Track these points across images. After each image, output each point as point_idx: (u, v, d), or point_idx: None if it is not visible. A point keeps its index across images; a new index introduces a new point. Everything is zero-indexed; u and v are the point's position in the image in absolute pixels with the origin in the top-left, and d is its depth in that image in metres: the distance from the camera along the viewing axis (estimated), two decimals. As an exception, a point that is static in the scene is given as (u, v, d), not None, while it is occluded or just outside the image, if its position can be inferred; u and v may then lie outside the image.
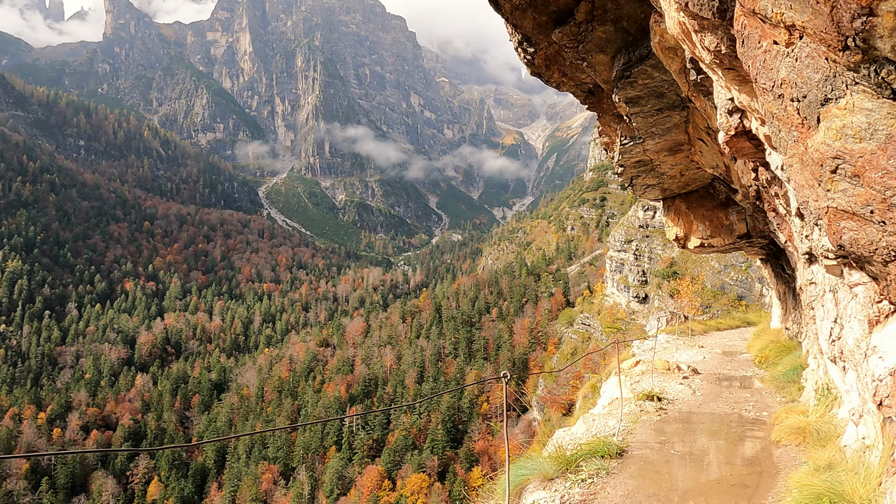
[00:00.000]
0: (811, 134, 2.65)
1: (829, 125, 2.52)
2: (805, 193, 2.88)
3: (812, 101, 2.56)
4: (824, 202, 2.70)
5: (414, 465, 75.73)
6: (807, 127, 2.66)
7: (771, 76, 2.76)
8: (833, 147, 2.51)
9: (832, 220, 2.72)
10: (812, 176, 2.71)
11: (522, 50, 7.68)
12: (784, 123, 2.82)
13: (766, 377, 11.29)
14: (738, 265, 77.60)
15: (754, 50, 2.83)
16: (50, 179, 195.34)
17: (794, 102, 2.66)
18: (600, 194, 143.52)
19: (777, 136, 2.98)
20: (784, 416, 7.33)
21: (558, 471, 5.79)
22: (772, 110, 2.88)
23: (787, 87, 2.67)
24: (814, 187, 2.74)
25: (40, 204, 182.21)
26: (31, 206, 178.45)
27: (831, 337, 5.44)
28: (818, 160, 2.62)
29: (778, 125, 2.89)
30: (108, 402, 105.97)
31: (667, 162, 9.68)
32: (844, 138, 2.45)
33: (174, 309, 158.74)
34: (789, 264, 11.36)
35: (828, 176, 2.60)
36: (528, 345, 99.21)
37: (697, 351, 16.35)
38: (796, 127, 2.73)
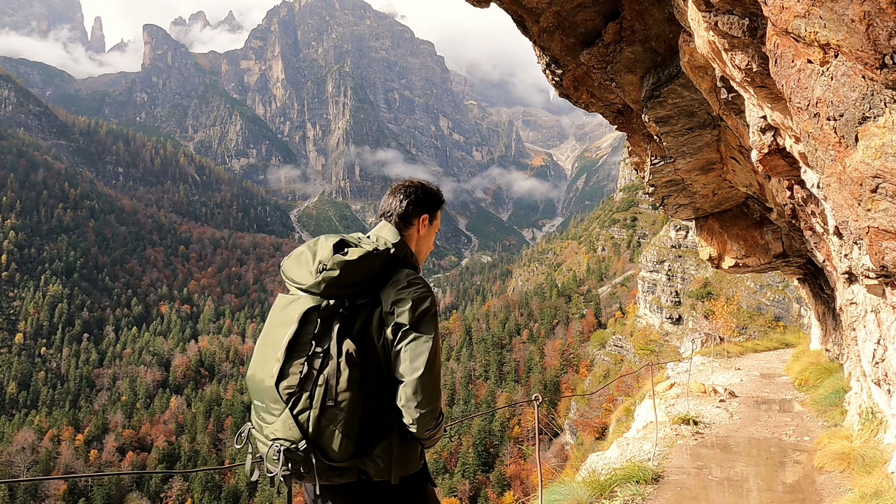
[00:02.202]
0: (849, 153, 2.59)
1: (867, 144, 2.46)
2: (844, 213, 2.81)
3: (849, 119, 2.51)
4: (865, 222, 2.64)
5: (445, 489, 74.98)
6: (844, 146, 2.61)
7: (806, 95, 2.72)
8: (872, 166, 2.45)
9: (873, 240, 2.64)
10: (851, 195, 2.65)
11: (550, 72, 7.71)
12: (820, 142, 2.77)
13: (807, 400, 10.97)
14: (775, 285, 75.93)
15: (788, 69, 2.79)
16: (90, 205, 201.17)
17: (831, 121, 2.62)
18: (631, 214, 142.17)
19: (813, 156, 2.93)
20: (827, 441, 7.09)
21: (592, 496, 5.68)
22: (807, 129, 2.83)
23: (823, 106, 2.62)
24: (853, 207, 2.68)
25: (80, 229, 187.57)
26: (72, 232, 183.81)
27: (874, 359, 5.27)
28: (857, 179, 2.56)
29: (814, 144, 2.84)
30: (144, 423, 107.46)
31: (698, 181, 9.56)
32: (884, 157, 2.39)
33: (208, 332, 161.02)
34: (828, 284, 11.08)
35: (868, 195, 2.54)
36: (560, 367, 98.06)
37: (734, 373, 15.97)
38: (833, 146, 2.68)
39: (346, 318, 2.04)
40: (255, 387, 2.10)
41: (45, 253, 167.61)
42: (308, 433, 1.91)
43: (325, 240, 2.16)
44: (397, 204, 2.41)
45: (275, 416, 1.99)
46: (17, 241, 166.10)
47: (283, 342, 2.00)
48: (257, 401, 2.09)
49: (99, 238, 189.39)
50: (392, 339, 2.02)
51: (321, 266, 2.06)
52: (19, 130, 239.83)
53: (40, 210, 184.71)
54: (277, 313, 2.12)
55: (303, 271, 2.11)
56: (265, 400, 2.03)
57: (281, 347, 2.00)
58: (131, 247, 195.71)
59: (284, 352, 1.99)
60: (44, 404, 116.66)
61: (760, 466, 6.94)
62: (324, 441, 1.91)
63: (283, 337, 2.01)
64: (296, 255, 2.18)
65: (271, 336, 2.08)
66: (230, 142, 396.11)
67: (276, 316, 2.13)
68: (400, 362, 2.00)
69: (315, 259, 2.10)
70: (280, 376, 1.97)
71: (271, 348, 2.04)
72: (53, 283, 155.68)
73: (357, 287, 2.07)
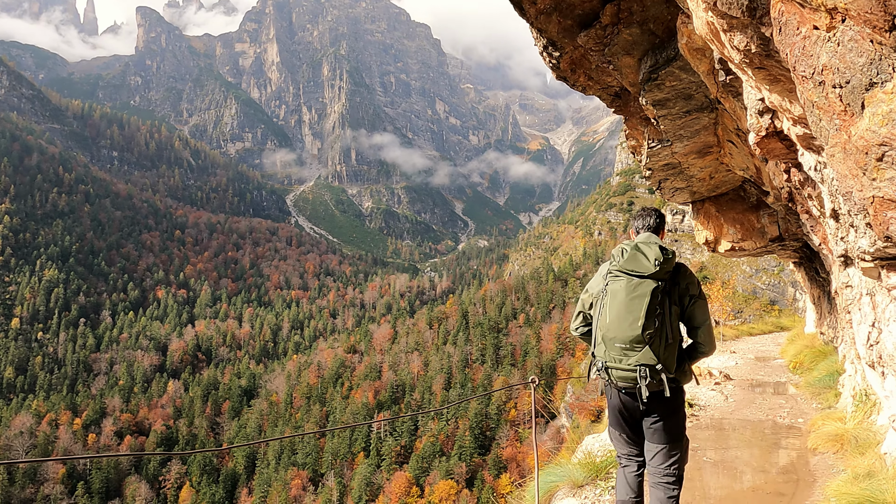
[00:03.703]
0: (854, 121, 2.55)
1: (874, 110, 2.41)
2: (848, 184, 2.77)
3: (855, 86, 2.47)
4: (869, 192, 2.60)
5: (442, 472, 75.59)
6: (850, 114, 2.57)
7: (811, 63, 2.68)
8: (879, 133, 2.41)
9: (878, 210, 2.61)
10: (856, 165, 2.62)
11: (547, 54, 7.65)
12: (825, 112, 2.73)
13: (801, 383, 11.04)
14: (771, 269, 76.22)
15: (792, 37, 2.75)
16: (85, 190, 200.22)
17: (837, 89, 2.58)
18: (627, 198, 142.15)
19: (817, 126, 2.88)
20: (820, 423, 7.15)
21: (588, 477, 5.72)
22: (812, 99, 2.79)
23: (829, 73, 2.58)
24: (858, 177, 2.64)
25: (75, 214, 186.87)
26: (67, 217, 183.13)
27: (869, 341, 5.30)
28: (862, 148, 2.52)
29: (818, 114, 2.79)
30: (141, 408, 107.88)
31: (695, 165, 9.54)
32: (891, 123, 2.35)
33: (205, 316, 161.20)
34: (823, 267, 11.11)
35: (873, 164, 2.50)
36: (556, 351, 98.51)
37: (729, 356, 16.07)
38: (838, 115, 2.64)
39: (668, 292, 3.48)
40: (615, 336, 3.45)
41: (41, 238, 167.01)
42: (660, 358, 3.38)
43: (647, 246, 3.55)
44: (651, 221, 3.88)
45: (637, 352, 3.39)
46: (12, 225, 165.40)
47: (642, 307, 3.37)
48: (619, 345, 3.44)
49: (94, 223, 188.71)
50: (687, 303, 3.54)
51: (657, 261, 3.44)
52: (12, 114, 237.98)
53: (34, 195, 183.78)
54: (628, 291, 3.45)
55: (640, 265, 3.46)
56: (629, 343, 3.40)
57: (642, 310, 3.37)
58: (127, 231, 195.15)
59: (645, 313, 3.36)
60: (41, 389, 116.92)
61: (755, 448, 7.00)
62: (666, 362, 3.40)
63: (642, 305, 3.38)
64: (629, 257, 3.51)
65: (630, 305, 3.41)
66: (225, 126, 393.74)
67: (627, 293, 3.44)
68: (696, 317, 3.57)
69: (649, 258, 3.46)
70: (644, 328, 3.35)
71: (631, 313, 3.39)
72: (49, 267, 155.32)
73: (669, 273, 3.51)
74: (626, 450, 3.77)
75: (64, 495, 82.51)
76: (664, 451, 3.58)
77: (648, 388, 3.43)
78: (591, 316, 3.72)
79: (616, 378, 3.50)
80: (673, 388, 3.50)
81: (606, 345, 3.50)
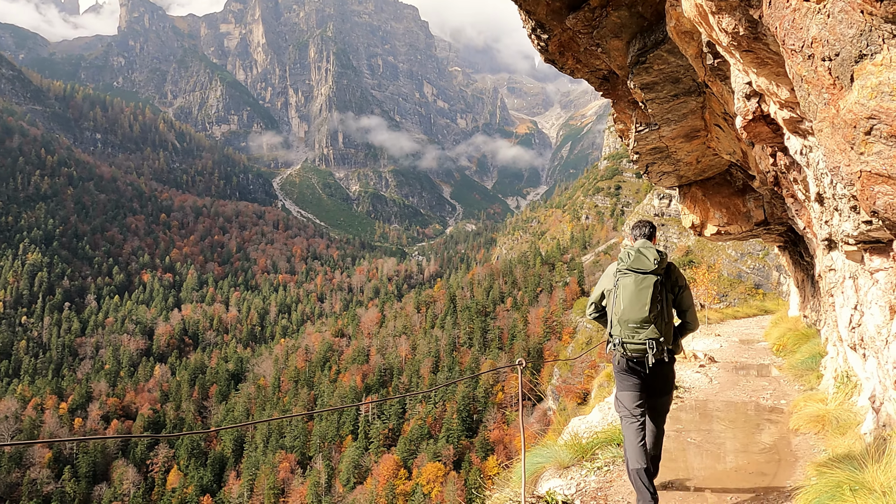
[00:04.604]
0: (843, 94, 2.54)
1: (863, 83, 2.41)
2: (836, 158, 2.77)
3: (845, 58, 2.46)
4: (857, 166, 2.60)
5: (430, 454, 76.15)
6: (839, 87, 2.56)
7: (800, 36, 2.67)
8: (867, 106, 2.40)
9: (865, 184, 2.62)
10: (844, 139, 2.61)
11: (536, 37, 7.61)
12: (814, 86, 2.72)
13: (784, 365, 11.19)
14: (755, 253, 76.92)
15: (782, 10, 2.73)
16: (68, 173, 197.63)
17: (826, 62, 2.56)
18: (615, 183, 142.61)
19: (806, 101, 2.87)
20: (802, 404, 7.26)
21: (574, 459, 5.78)
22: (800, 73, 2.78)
23: (818, 46, 2.57)
24: (845, 151, 2.64)
25: (59, 197, 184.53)
26: (50, 200, 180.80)
27: (851, 324, 5.37)
28: (851, 122, 2.52)
29: (807, 88, 2.78)
30: (128, 392, 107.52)
31: (683, 149, 9.57)
32: (880, 96, 2.34)
33: (191, 300, 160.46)
34: (808, 251, 11.22)
35: (861, 138, 2.50)
36: (543, 334, 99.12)
37: (714, 339, 16.24)
38: (827, 88, 2.63)
39: (663, 284, 4.56)
40: (628, 317, 4.49)
41: (23, 221, 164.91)
42: (662, 333, 4.45)
43: (647, 250, 4.62)
44: (646, 231, 4.95)
45: (645, 329, 4.44)
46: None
47: (648, 297, 4.45)
48: (632, 325, 4.48)
49: (78, 206, 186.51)
50: (677, 292, 4.67)
51: (656, 261, 4.53)
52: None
53: (16, 177, 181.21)
54: (636, 284, 4.51)
55: (644, 265, 4.53)
56: (639, 322, 4.46)
57: (648, 298, 4.44)
58: (111, 215, 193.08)
59: (650, 301, 4.44)
60: (26, 373, 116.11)
61: (738, 429, 7.10)
62: (667, 336, 4.50)
63: (648, 294, 4.45)
64: (635, 258, 4.59)
65: (639, 295, 4.47)
66: (210, 108, 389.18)
67: (635, 285, 4.51)
68: (684, 302, 4.71)
69: (650, 259, 4.55)
70: (650, 311, 4.42)
71: (638, 300, 4.47)
72: (32, 251, 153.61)
73: (664, 269, 4.60)
74: (632, 406, 4.65)
75: (50, 479, 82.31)
76: (661, 401, 4.82)
77: (654, 357, 4.45)
78: (602, 305, 4.88)
79: (630, 350, 4.52)
80: (671, 356, 4.68)
81: (621, 325, 4.54)
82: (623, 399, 4.70)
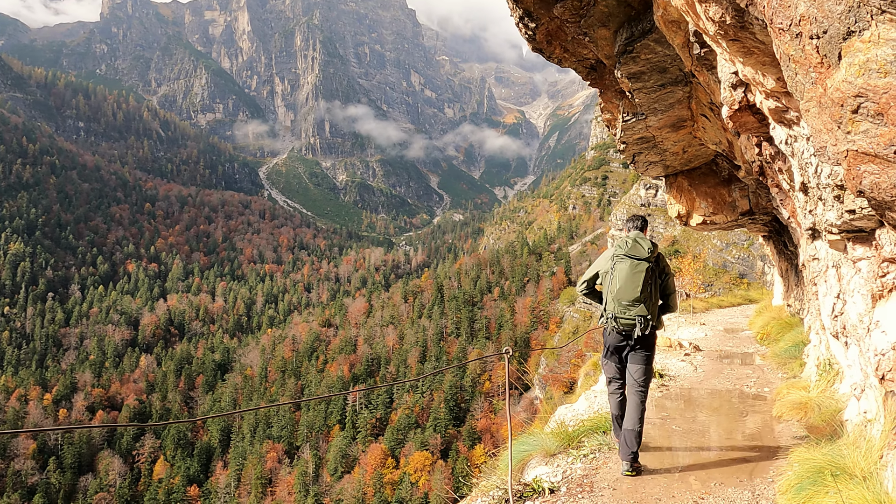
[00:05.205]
0: (831, 73, 2.53)
1: (851, 60, 2.40)
2: (823, 138, 2.77)
3: (833, 35, 2.45)
4: (844, 145, 2.60)
5: (417, 444, 76.43)
6: (826, 66, 2.55)
7: (788, 14, 2.66)
8: (855, 84, 2.40)
9: (852, 164, 2.62)
10: (831, 118, 2.61)
11: (523, 25, 7.59)
12: (801, 65, 2.71)
13: (768, 354, 11.32)
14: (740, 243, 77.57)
15: None
16: (50, 161, 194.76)
17: (814, 40, 2.55)
18: (602, 173, 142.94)
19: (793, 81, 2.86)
20: (785, 392, 7.35)
21: (560, 446, 5.82)
22: (788, 52, 2.77)
23: (806, 24, 2.55)
24: (832, 131, 2.64)
25: (41, 186, 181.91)
26: (32, 189, 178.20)
27: (834, 312, 5.43)
28: (838, 100, 2.51)
29: (794, 68, 2.78)
30: (113, 382, 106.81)
31: (669, 138, 9.60)
32: (868, 73, 2.34)
33: (177, 290, 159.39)
34: (791, 241, 11.33)
35: (848, 117, 2.50)
36: (530, 324, 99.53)
37: (699, 328, 16.39)
38: (815, 67, 2.62)
39: (653, 270, 5.25)
40: (623, 296, 5.21)
41: (5, 210, 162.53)
42: (650, 311, 5.18)
43: (641, 240, 5.33)
44: (639, 224, 5.59)
45: (636, 307, 5.17)
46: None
47: (640, 280, 5.16)
48: (624, 303, 5.21)
49: (61, 195, 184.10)
50: (663, 276, 5.35)
51: (649, 250, 5.25)
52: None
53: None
54: (631, 268, 5.23)
55: (639, 252, 5.24)
56: (632, 301, 5.18)
57: (640, 282, 5.16)
58: (95, 204, 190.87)
59: (642, 284, 5.16)
60: (9, 364, 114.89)
61: (722, 417, 7.18)
62: (652, 314, 5.21)
63: (640, 278, 5.17)
64: (632, 247, 5.29)
65: (633, 278, 5.19)
66: (195, 96, 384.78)
67: (630, 269, 5.23)
68: (669, 287, 5.39)
69: (644, 248, 5.26)
70: (641, 292, 5.14)
71: (632, 282, 5.18)
72: (14, 241, 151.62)
73: (655, 257, 5.30)
74: (614, 373, 5.55)
75: (35, 471, 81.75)
76: (641, 370, 5.35)
77: (640, 330, 5.19)
78: (594, 284, 5.65)
79: (621, 323, 5.26)
80: (654, 331, 5.36)
81: (615, 302, 5.29)
82: (606, 366, 5.60)
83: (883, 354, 3.85)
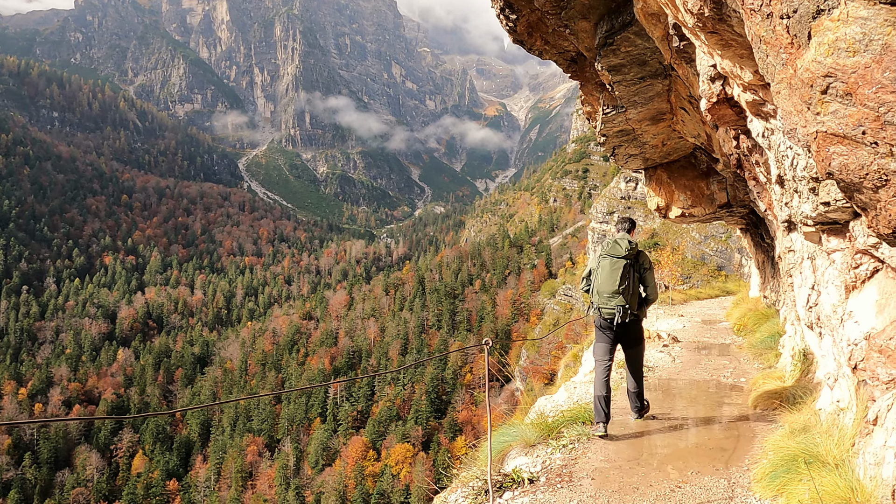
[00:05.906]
0: (801, 53, 2.53)
1: (820, 40, 2.42)
2: (793, 120, 2.78)
3: (803, 14, 2.46)
4: (813, 127, 2.61)
5: (398, 436, 76.56)
6: (796, 46, 2.56)
7: None
8: (824, 64, 2.40)
9: (821, 145, 2.63)
10: (801, 100, 2.62)
11: (505, 17, 7.58)
12: (772, 47, 2.71)
13: (745, 344, 11.47)
14: (718, 236, 78.41)
15: None
16: (24, 152, 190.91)
17: (784, 20, 2.55)
18: (583, 166, 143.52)
19: (765, 63, 2.87)
20: (761, 382, 7.46)
21: (540, 437, 5.86)
22: (759, 34, 2.77)
23: (777, 3, 2.55)
24: (802, 112, 2.64)
25: (14, 177, 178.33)
26: (5, 180, 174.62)
27: (808, 303, 5.51)
28: (808, 81, 2.52)
29: (765, 49, 2.79)
30: (90, 376, 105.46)
31: (649, 131, 9.66)
32: (837, 53, 2.35)
33: (155, 283, 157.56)
34: (768, 233, 11.48)
35: (818, 97, 2.51)
36: (511, 316, 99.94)
37: (677, 320, 16.56)
38: (785, 48, 2.63)
39: (633, 266, 6.01)
40: (603, 289, 6.03)
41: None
42: (628, 302, 5.94)
43: (622, 240, 6.10)
44: (626, 226, 6.39)
45: (615, 299, 5.94)
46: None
47: (618, 275, 5.94)
48: (606, 294, 6.00)
49: (35, 186, 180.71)
50: (642, 272, 6.10)
51: (627, 250, 6.01)
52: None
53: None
54: (611, 265, 6.01)
55: (617, 252, 6.02)
56: (611, 293, 5.96)
57: (618, 277, 5.94)
58: (70, 196, 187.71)
59: (620, 278, 5.93)
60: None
61: (699, 406, 7.27)
62: (631, 304, 5.97)
63: (618, 274, 5.95)
64: (612, 246, 6.10)
65: (612, 273, 5.98)
66: (173, 86, 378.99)
67: (610, 266, 6.01)
68: (647, 280, 6.12)
69: (622, 247, 6.03)
70: (619, 285, 5.91)
71: (611, 277, 5.97)
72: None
73: (633, 255, 6.04)
74: (603, 354, 6.17)
75: (10, 466, 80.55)
76: (634, 351, 6.25)
77: (621, 319, 5.94)
78: (590, 281, 6.31)
79: (604, 313, 6.05)
80: (634, 319, 6.10)
81: (599, 295, 6.08)
82: (597, 349, 6.29)
83: (856, 344, 3.91)
